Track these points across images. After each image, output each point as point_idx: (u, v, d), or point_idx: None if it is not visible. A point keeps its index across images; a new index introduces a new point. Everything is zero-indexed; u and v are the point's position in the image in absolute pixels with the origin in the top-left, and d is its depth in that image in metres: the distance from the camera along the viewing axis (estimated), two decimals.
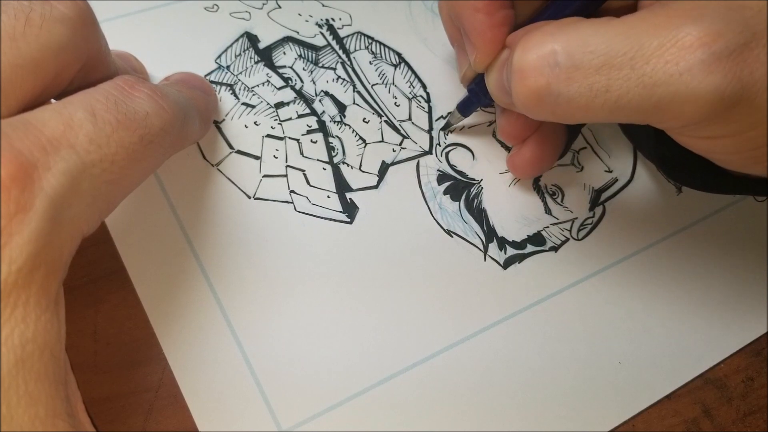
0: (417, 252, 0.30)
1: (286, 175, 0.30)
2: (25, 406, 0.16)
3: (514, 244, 0.31)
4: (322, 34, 0.35)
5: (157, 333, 0.26)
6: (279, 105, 0.32)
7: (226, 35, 0.33)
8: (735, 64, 0.20)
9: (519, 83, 0.22)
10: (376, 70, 0.34)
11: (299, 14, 0.35)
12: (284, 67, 0.33)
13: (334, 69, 0.34)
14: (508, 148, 0.33)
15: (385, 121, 0.33)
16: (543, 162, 0.30)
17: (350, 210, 0.30)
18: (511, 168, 0.31)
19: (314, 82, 0.33)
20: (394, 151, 0.32)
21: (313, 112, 0.32)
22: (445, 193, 0.31)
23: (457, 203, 0.31)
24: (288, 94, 0.32)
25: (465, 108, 0.31)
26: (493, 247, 0.31)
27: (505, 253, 0.30)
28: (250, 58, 0.33)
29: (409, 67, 0.35)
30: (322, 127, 0.32)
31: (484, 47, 0.26)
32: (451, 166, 0.32)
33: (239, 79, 0.32)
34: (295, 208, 0.30)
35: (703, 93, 0.20)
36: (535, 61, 0.22)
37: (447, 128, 0.33)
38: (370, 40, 0.35)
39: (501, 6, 0.26)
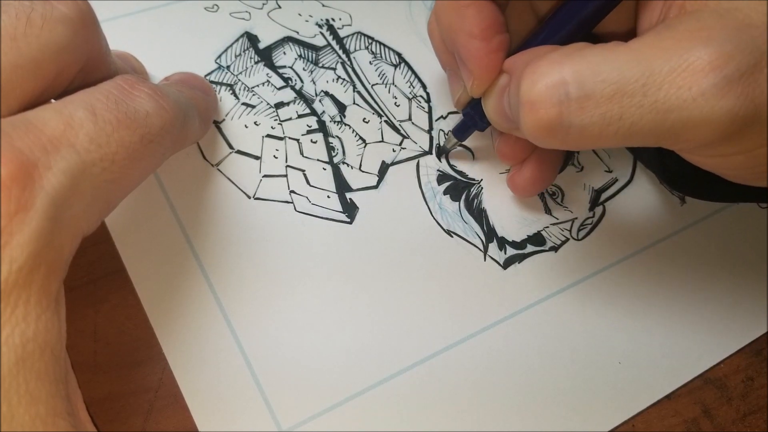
0: (417, 252, 0.30)
1: (286, 175, 0.30)
2: (25, 405, 0.16)
3: (514, 244, 0.31)
4: (322, 34, 0.35)
5: (157, 333, 0.26)
6: (279, 105, 0.32)
7: (226, 35, 0.34)
8: (747, 86, 0.19)
9: (529, 115, 0.22)
10: (376, 70, 0.34)
11: (299, 14, 0.35)
12: (284, 67, 0.33)
13: (334, 69, 0.34)
14: None
15: (385, 121, 0.33)
16: (544, 180, 0.30)
17: (350, 210, 0.30)
18: (512, 188, 0.31)
19: (314, 82, 0.33)
20: (394, 151, 0.32)
21: (313, 112, 0.32)
22: (445, 193, 0.31)
23: (457, 203, 0.31)
24: (288, 94, 0.32)
25: (461, 133, 0.31)
26: (493, 247, 0.31)
27: (505, 253, 0.31)
28: (250, 58, 0.33)
29: (409, 67, 0.35)
30: (322, 127, 0.32)
31: (481, 73, 0.26)
32: (451, 166, 0.32)
33: (239, 79, 0.32)
34: (295, 208, 0.30)
35: (717, 116, 0.20)
36: (545, 91, 0.21)
37: (443, 153, 0.32)
38: (370, 40, 0.35)
39: (497, 31, 0.26)
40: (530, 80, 0.21)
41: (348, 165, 0.31)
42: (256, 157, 0.30)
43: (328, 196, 0.30)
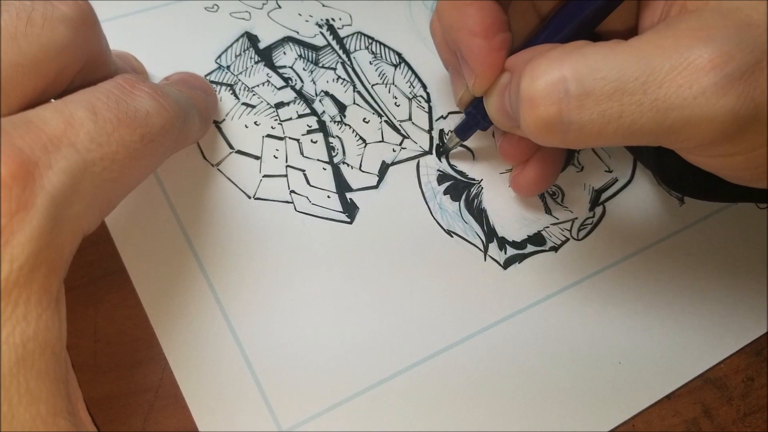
0: (417, 252, 0.30)
1: (286, 175, 0.30)
2: (26, 404, 0.16)
3: (514, 244, 0.31)
4: (322, 34, 0.35)
5: (157, 333, 0.26)
6: (279, 105, 0.32)
7: (226, 35, 0.34)
8: (747, 85, 0.19)
9: (528, 112, 0.22)
10: (376, 70, 0.34)
11: (299, 14, 0.35)
12: (284, 67, 0.33)
13: (334, 69, 0.34)
14: None
15: (385, 121, 0.33)
16: (547, 180, 0.30)
17: (350, 210, 0.30)
18: (515, 188, 0.31)
19: (314, 82, 0.33)
20: (394, 151, 0.32)
21: (313, 112, 0.32)
22: (445, 193, 0.31)
23: (457, 203, 0.31)
24: (288, 94, 0.32)
25: (463, 132, 0.31)
26: (493, 247, 0.31)
27: (505, 253, 0.31)
28: (250, 58, 0.33)
29: (409, 67, 0.35)
30: (322, 127, 0.32)
31: (483, 72, 0.26)
32: (451, 166, 0.32)
33: (239, 79, 0.32)
34: (295, 208, 0.30)
35: (718, 115, 0.20)
36: (545, 89, 0.21)
37: (446, 153, 0.32)
38: (370, 40, 0.35)
39: (499, 29, 0.26)
40: (530, 77, 0.21)
41: (348, 165, 0.31)
42: (256, 157, 0.30)
43: (329, 196, 0.30)
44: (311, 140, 0.31)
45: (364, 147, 0.32)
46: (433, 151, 0.32)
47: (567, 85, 0.21)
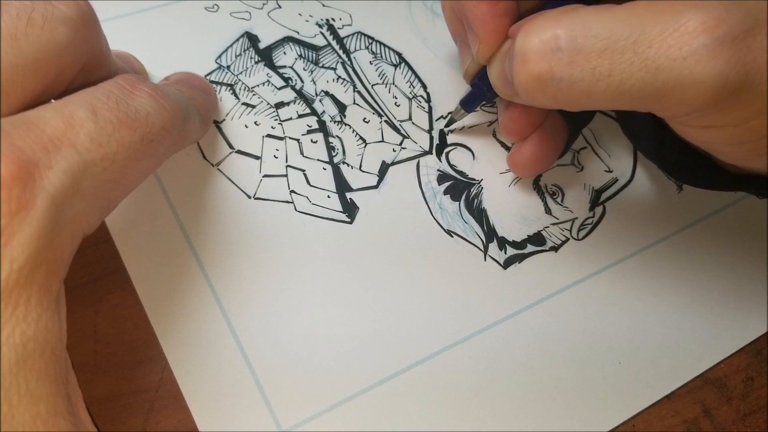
0: (417, 252, 0.30)
1: (286, 175, 0.30)
2: (26, 404, 0.16)
3: (514, 244, 0.31)
4: (322, 34, 0.35)
5: (157, 333, 0.26)
6: (279, 105, 0.32)
7: (226, 35, 0.34)
8: (738, 50, 0.20)
9: (521, 68, 0.22)
10: (376, 70, 0.34)
11: (299, 14, 0.35)
12: (284, 67, 0.33)
13: (335, 69, 0.34)
14: (508, 148, 0.33)
15: (386, 121, 0.33)
16: (543, 160, 0.30)
17: (350, 210, 0.30)
18: (511, 166, 0.31)
19: (314, 82, 0.33)
20: (394, 151, 0.32)
21: (314, 112, 0.32)
22: (445, 193, 0.31)
23: (457, 203, 0.31)
24: (288, 94, 0.32)
25: (468, 103, 0.31)
26: (493, 247, 0.31)
27: (505, 253, 0.31)
28: (251, 58, 0.33)
29: (409, 67, 0.35)
30: (323, 127, 0.32)
31: (486, 37, 0.26)
32: (451, 166, 0.32)
33: (239, 79, 0.32)
34: (295, 208, 0.30)
35: (706, 78, 0.20)
36: (538, 45, 0.22)
37: (450, 125, 0.33)
38: (370, 40, 0.35)
39: None
40: (524, 35, 0.22)
41: (348, 165, 0.31)
42: (257, 157, 0.30)
43: (329, 196, 0.30)
44: (311, 140, 0.31)
45: (364, 147, 0.32)
46: (433, 151, 0.32)
47: (559, 42, 0.21)
